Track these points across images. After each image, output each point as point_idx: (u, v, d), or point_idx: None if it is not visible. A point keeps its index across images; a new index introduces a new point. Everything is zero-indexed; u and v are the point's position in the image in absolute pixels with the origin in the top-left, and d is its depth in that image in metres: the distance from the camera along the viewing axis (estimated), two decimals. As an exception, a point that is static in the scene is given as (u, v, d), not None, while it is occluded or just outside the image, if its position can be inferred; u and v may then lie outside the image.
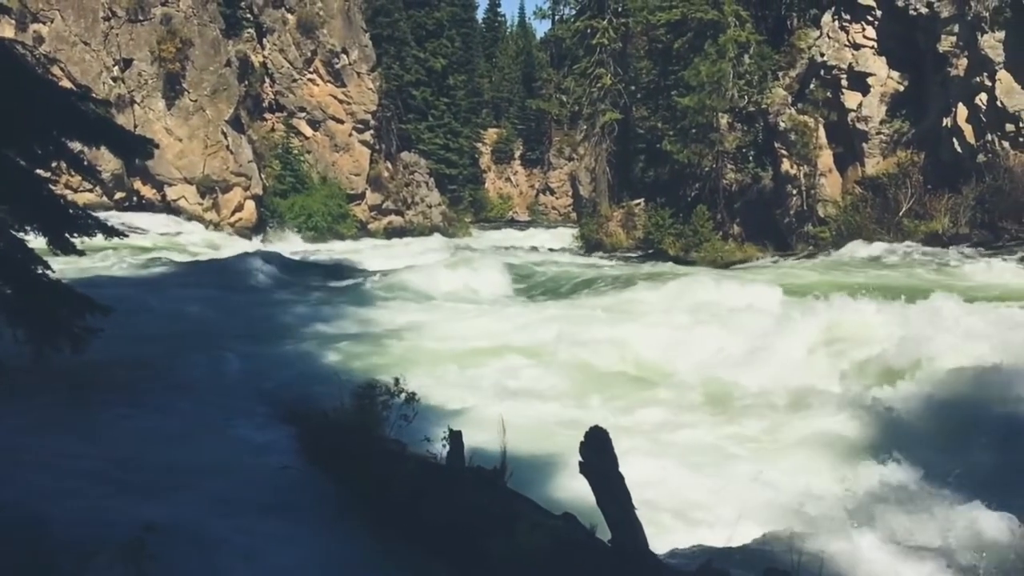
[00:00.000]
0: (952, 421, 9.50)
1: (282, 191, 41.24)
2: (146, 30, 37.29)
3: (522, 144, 72.39)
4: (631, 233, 36.89)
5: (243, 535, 5.86)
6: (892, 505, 7.66)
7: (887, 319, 13.16)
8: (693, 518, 7.38)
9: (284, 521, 6.28)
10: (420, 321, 15.54)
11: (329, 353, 12.89)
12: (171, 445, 7.98)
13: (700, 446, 9.50)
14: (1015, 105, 25.88)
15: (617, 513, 5.11)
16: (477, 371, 12.00)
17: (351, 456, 7.00)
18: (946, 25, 27.60)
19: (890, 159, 29.31)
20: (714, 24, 32.57)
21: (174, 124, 37.50)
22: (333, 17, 43.22)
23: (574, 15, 44.14)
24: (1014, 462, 8.38)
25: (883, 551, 6.53)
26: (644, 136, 40.58)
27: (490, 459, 6.35)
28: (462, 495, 6.03)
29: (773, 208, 32.36)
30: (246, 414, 9.31)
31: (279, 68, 43.20)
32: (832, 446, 9.32)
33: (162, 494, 6.50)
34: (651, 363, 12.25)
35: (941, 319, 12.54)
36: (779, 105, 32.13)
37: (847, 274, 21.36)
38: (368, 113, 44.19)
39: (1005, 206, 25.32)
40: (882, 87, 30.19)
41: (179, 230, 35.46)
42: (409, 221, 47.46)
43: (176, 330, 13.61)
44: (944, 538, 6.90)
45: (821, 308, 14.25)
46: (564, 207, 66.83)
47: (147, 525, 4.56)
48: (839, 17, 31.18)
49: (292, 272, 22.19)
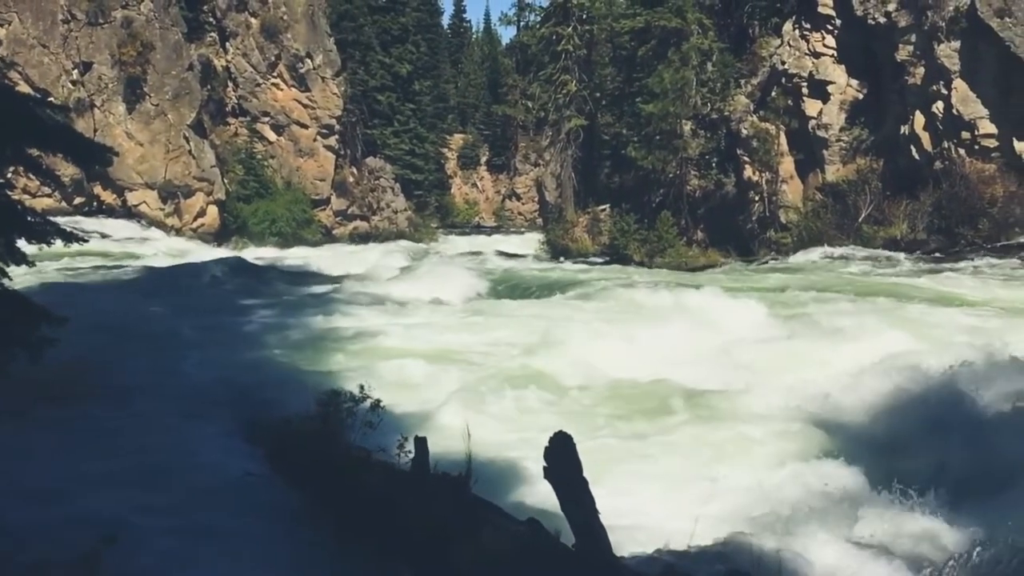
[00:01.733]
0: (906, 421, 9.68)
1: (245, 196, 40.81)
2: (106, 33, 36.78)
3: (488, 150, 72.44)
4: (596, 238, 37.05)
5: (204, 544, 5.80)
6: (849, 505, 7.79)
7: (842, 320, 13.43)
8: (653, 523, 7.44)
9: (246, 529, 6.23)
10: (385, 327, 15.48)
11: (293, 360, 12.81)
12: (128, 453, 7.88)
13: (654, 449, 9.58)
14: (970, 113, 26.46)
15: (581, 518, 5.15)
16: (442, 377, 11.98)
17: (315, 463, 6.96)
18: (903, 34, 28.15)
19: (850, 166, 29.80)
20: (677, 32, 32.90)
21: (135, 128, 37.01)
22: (297, 21, 42.95)
23: (539, 21, 44.30)
24: (967, 461, 8.55)
25: (840, 550, 6.64)
26: (609, 142, 40.82)
27: (455, 465, 6.35)
28: (427, 502, 6.02)
29: (736, 214, 32.72)
30: (207, 421, 9.21)
31: (242, 72, 42.82)
32: (788, 447, 9.44)
33: (120, 503, 6.41)
34: (605, 368, 12.29)
35: (895, 321, 12.84)
36: (741, 112, 32.53)
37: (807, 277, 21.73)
38: (333, 118, 43.95)
39: (961, 212, 25.86)
40: (842, 95, 30.69)
41: (140, 236, 34.99)
42: (375, 226, 47.24)
43: (135, 338, 13.42)
44: (900, 537, 7.03)
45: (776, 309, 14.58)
46: (530, 213, 66.94)
47: (106, 536, 4.49)
48: (800, 26, 31.66)
49: (255, 278, 21.98)
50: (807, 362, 12.03)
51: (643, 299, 17.53)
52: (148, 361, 11.85)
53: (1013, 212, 25.23)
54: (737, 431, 9.95)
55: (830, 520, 7.46)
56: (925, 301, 16.42)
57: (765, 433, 9.85)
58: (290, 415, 7.77)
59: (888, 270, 22.95)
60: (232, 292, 19.73)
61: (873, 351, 11.67)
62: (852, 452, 9.10)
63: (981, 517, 6.97)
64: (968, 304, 16.16)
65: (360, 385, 7.50)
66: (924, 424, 9.61)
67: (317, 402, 7.49)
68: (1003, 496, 7.46)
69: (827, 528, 7.20)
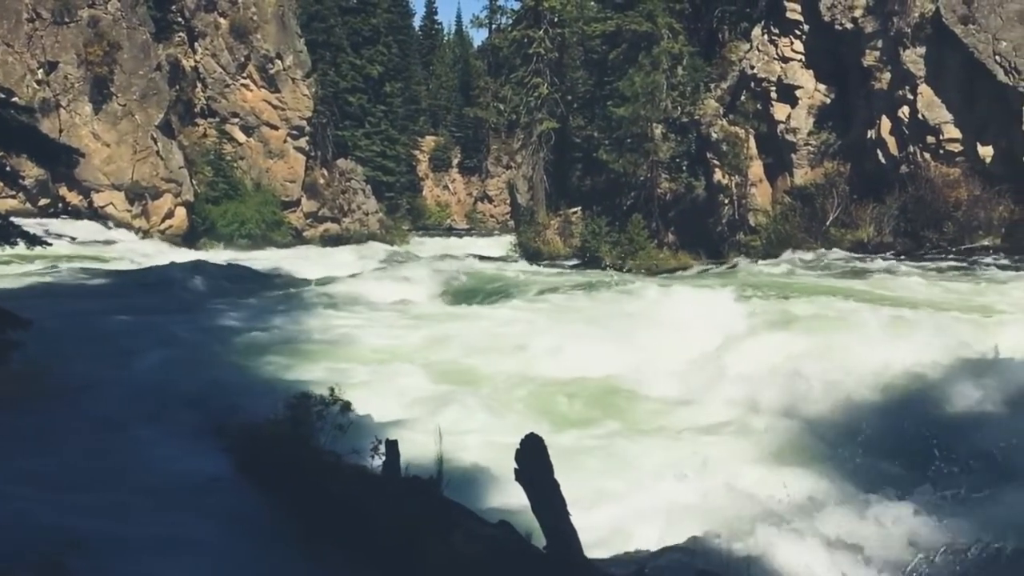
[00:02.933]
0: (876, 421, 9.79)
1: (214, 198, 40.45)
2: (72, 32, 36.28)
3: (460, 152, 72.38)
4: (568, 241, 37.14)
5: (170, 550, 5.72)
6: (819, 504, 7.85)
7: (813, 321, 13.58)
8: (623, 524, 7.46)
9: (213, 534, 6.15)
10: (355, 330, 15.40)
11: (261, 363, 12.69)
12: (94, 457, 7.75)
13: (625, 449, 9.61)
14: (935, 118, 26.87)
15: (552, 520, 5.14)
16: (413, 380, 11.93)
17: (284, 467, 6.89)
18: (870, 40, 28.53)
19: (817, 169, 30.13)
20: (648, 36, 33.08)
21: (101, 129, 36.53)
22: (267, 22, 42.66)
23: (511, 24, 44.36)
24: (940, 460, 8.65)
25: (810, 550, 6.68)
26: (581, 145, 40.93)
27: (426, 468, 6.32)
28: (398, 505, 5.99)
29: (706, 217, 32.96)
30: (173, 426, 9.09)
31: (211, 73, 42.43)
32: (757, 446, 9.51)
33: (86, 508, 6.30)
34: (577, 370, 12.32)
35: (863, 323, 13.00)
36: (711, 116, 32.78)
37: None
38: (303, 119, 43.69)
39: (926, 216, 26.25)
40: (810, 99, 31.04)
41: (107, 238, 34.53)
42: (346, 229, 47.02)
43: (98, 342, 13.20)
44: (871, 536, 7.09)
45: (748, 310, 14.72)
46: (502, 215, 66.97)
47: (71, 541, 4.41)
48: (768, 31, 31.98)
49: (223, 281, 21.74)
50: (771, 360, 12.12)
51: (615, 301, 17.58)
52: (112, 365, 11.67)
53: (977, 216, 25.65)
54: (702, 430, 10.01)
55: (800, 519, 7.51)
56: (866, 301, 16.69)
57: (731, 432, 9.92)
58: (259, 419, 7.70)
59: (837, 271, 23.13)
60: (200, 295, 19.52)
61: (839, 349, 11.84)
62: (822, 451, 9.19)
63: (954, 516, 7.05)
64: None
65: (330, 388, 7.44)
66: (895, 422, 9.72)
67: (286, 405, 7.42)
68: (976, 496, 7.55)
69: (797, 527, 7.25)
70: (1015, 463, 8.32)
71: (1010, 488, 7.77)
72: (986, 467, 8.24)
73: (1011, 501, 7.50)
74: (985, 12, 25.73)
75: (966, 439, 9.01)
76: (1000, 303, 16.10)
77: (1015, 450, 8.60)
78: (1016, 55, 25.16)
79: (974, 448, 8.70)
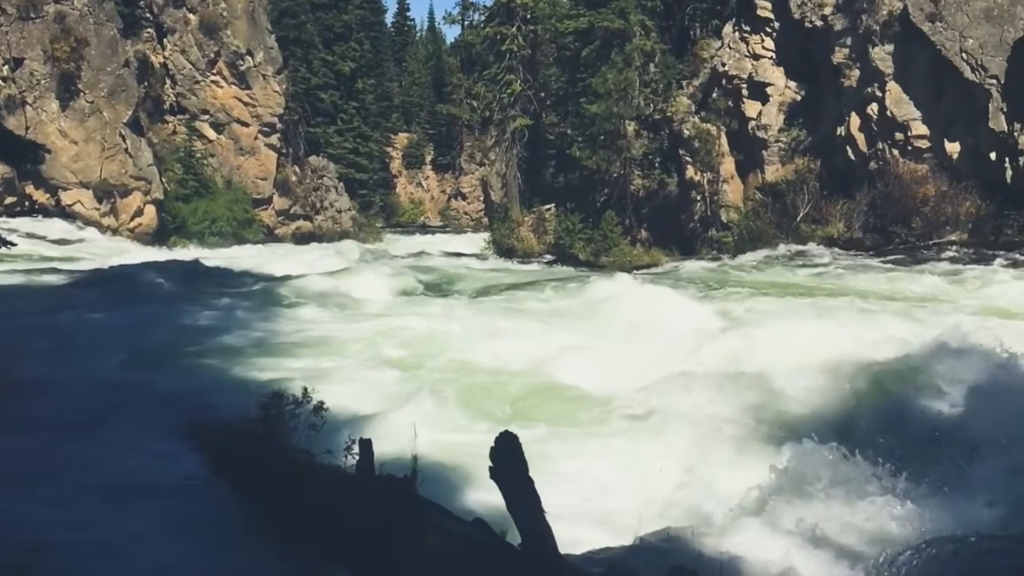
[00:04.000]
0: (848, 412, 9.89)
1: (184, 196, 40.01)
2: (39, 28, 35.70)
3: (433, 149, 72.20)
4: (542, 238, 37.16)
5: (141, 551, 5.65)
6: (791, 497, 7.90)
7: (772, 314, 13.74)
8: (597, 519, 7.48)
9: (185, 535, 6.09)
10: (328, 328, 15.31)
11: (233, 362, 12.57)
12: (64, 458, 7.63)
13: (595, 446, 9.63)
14: (903, 115, 27.21)
15: (527, 518, 5.14)
16: (386, 378, 11.89)
17: (257, 467, 6.84)
18: (839, 38, 28.81)
19: (788, 166, 30.39)
20: (620, 33, 33.16)
21: (69, 126, 36.00)
22: (237, 18, 42.24)
23: (483, 21, 44.27)
24: (913, 452, 8.76)
25: (784, 543, 6.73)
26: (554, 142, 40.98)
27: (401, 467, 6.29)
28: (372, 504, 5.96)
29: (679, 213, 33.13)
30: (143, 425, 8.95)
31: (180, 69, 41.96)
32: (727, 440, 9.56)
33: (54, 508, 6.20)
34: (550, 369, 12.34)
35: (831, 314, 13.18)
36: (683, 113, 32.95)
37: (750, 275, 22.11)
38: (274, 116, 43.35)
39: (895, 211, 26.58)
40: (780, 96, 31.29)
41: (75, 236, 34.04)
42: (318, 226, 46.73)
43: (68, 343, 13.01)
44: (844, 529, 7.15)
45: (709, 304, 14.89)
46: (476, 212, 66.90)
47: (35, 545, 4.33)
48: (739, 28, 32.19)
49: (193, 280, 21.51)
50: (739, 354, 12.22)
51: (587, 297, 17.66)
52: (77, 365, 11.49)
53: (944, 211, 26.01)
54: (673, 424, 10.05)
55: (773, 513, 7.56)
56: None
57: (702, 425, 9.97)
58: (231, 418, 7.63)
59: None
60: (168, 293, 19.30)
61: (806, 342, 11.97)
62: (793, 445, 9.25)
63: (928, 508, 7.12)
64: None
65: (303, 387, 7.39)
66: (869, 414, 9.82)
67: (259, 404, 7.36)
68: (948, 488, 7.64)
69: (770, 521, 7.30)
70: (987, 456, 8.44)
71: (982, 480, 7.88)
72: (959, 460, 8.35)
73: (983, 493, 7.60)
74: (952, 10, 26.08)
75: (938, 431, 9.12)
76: (961, 295, 16.49)
77: (986, 443, 8.72)
78: (982, 52, 25.53)
79: (946, 440, 8.81)
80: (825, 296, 17.58)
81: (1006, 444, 8.31)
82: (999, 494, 7.44)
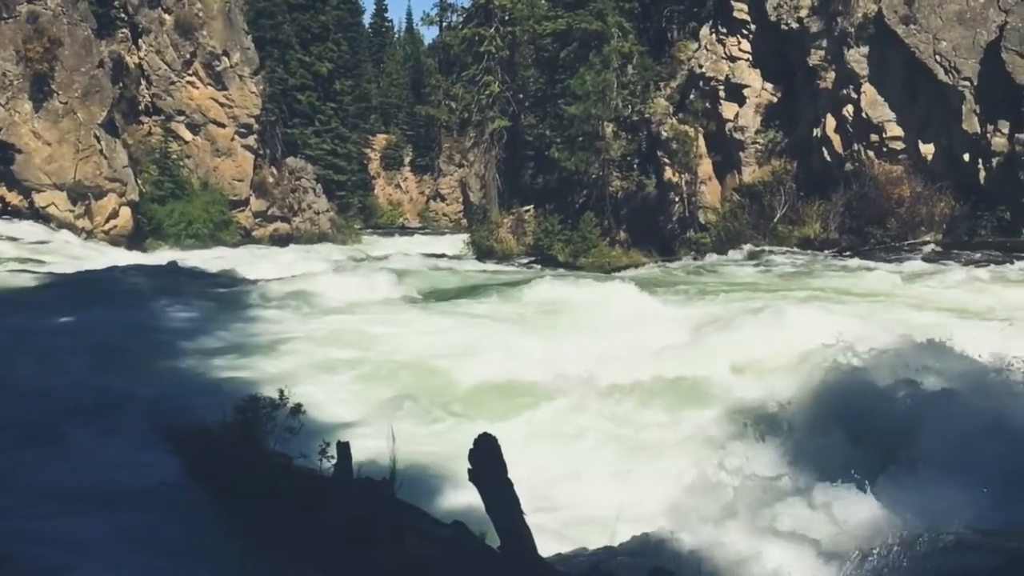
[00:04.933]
0: (817, 410, 9.95)
1: (160, 197, 39.65)
2: (11, 29, 35.22)
3: (412, 150, 72.08)
4: (521, 239, 37.19)
5: (115, 557, 5.58)
6: (771, 496, 7.94)
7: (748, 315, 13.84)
8: (573, 520, 7.48)
9: (162, 540, 6.02)
10: (305, 330, 15.18)
11: (209, 365, 12.44)
12: (32, 464, 7.50)
13: (568, 446, 9.64)
14: (879, 116, 27.47)
15: (506, 520, 5.12)
16: (365, 380, 11.82)
17: (234, 471, 6.77)
18: (815, 40, 29.05)
19: (765, 167, 30.61)
20: (598, 35, 33.27)
21: (42, 127, 35.54)
22: (213, 18, 41.93)
23: (461, 22, 44.25)
24: (891, 451, 8.82)
25: (762, 542, 6.76)
26: (533, 143, 41.04)
27: (379, 470, 6.26)
28: (350, 507, 5.92)
29: (657, 215, 33.27)
30: (117, 430, 8.82)
31: (156, 70, 41.58)
32: (701, 440, 9.60)
33: (20, 516, 6.09)
34: (526, 369, 12.33)
35: (801, 315, 13.29)
36: (661, 115, 33.09)
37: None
38: (251, 117, 43.05)
39: (870, 212, 26.83)
40: (757, 98, 31.50)
41: (49, 239, 33.61)
42: (296, 228, 46.48)
43: (39, 346, 12.78)
44: (822, 528, 7.19)
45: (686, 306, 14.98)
46: (455, 214, 66.85)
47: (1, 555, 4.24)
48: (716, 30, 32.38)
49: (168, 282, 21.25)
50: (714, 353, 12.28)
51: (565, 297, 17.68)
52: (46, 368, 11.29)
53: (919, 212, 26.28)
54: (651, 424, 10.07)
55: (752, 512, 7.59)
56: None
57: (680, 425, 10.00)
58: (207, 422, 7.54)
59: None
60: (143, 296, 19.04)
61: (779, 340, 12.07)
62: (772, 443, 9.30)
63: (906, 506, 7.17)
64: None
65: (280, 390, 7.32)
66: (845, 413, 9.87)
67: (236, 408, 7.29)
68: (925, 485, 7.70)
69: (748, 520, 7.32)
70: (960, 453, 8.51)
71: (953, 478, 7.94)
72: (933, 457, 8.42)
73: (955, 491, 7.67)
74: (926, 13, 26.36)
75: (913, 427, 9.19)
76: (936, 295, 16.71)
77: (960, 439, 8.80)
78: (955, 55, 25.82)
79: (921, 437, 8.88)
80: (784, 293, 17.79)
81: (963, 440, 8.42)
82: (969, 489, 7.51)
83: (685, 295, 18.29)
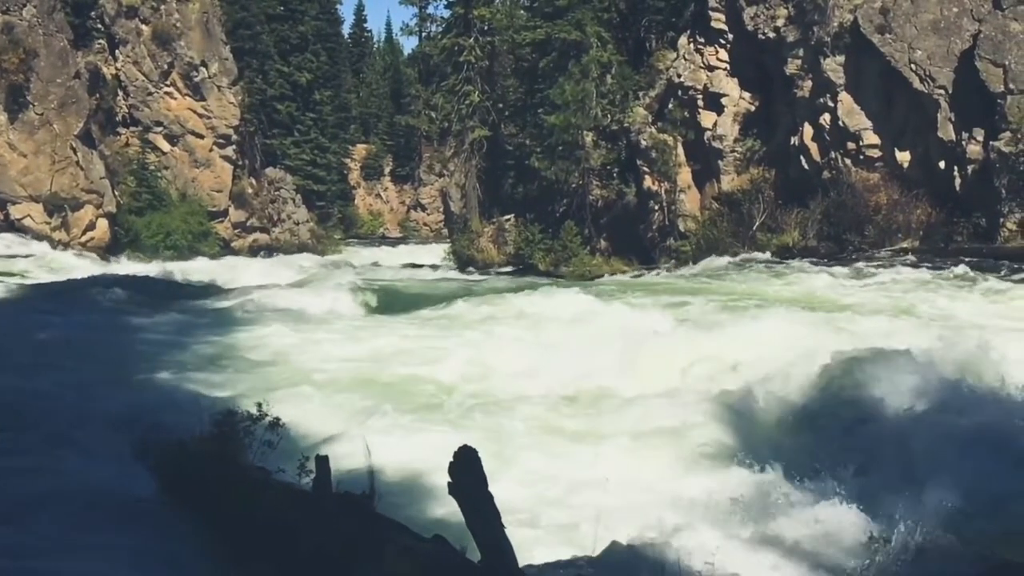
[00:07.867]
0: (801, 418, 9.99)
1: (138, 209, 39.36)
2: (-15, 39, 34.92)
3: (392, 160, 71.95)
4: (502, 249, 37.20)
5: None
6: (753, 504, 7.95)
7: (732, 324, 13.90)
8: (553, 529, 7.44)
9: (138, 557, 5.92)
10: (282, 343, 15.07)
11: (186, 379, 12.31)
12: (4, 478, 7.37)
13: (551, 454, 9.61)
14: (855, 125, 27.70)
15: (486, 533, 5.09)
16: (343, 394, 11.74)
17: (211, 486, 6.68)
18: (792, 49, 29.26)
19: (744, 176, 30.76)
20: (577, 44, 33.38)
21: (18, 139, 35.22)
22: (191, 29, 41.75)
23: (441, 32, 44.28)
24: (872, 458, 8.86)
25: (745, 550, 6.75)
26: (513, 153, 41.05)
27: (359, 484, 6.20)
28: (329, 522, 5.86)
29: (637, 223, 33.35)
30: (92, 445, 8.70)
31: (133, 81, 41.33)
32: (684, 448, 9.60)
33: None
34: (506, 377, 12.33)
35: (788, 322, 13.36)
36: (640, 124, 33.20)
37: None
38: (230, 128, 42.86)
39: (848, 219, 27.02)
40: (735, 107, 31.68)
41: (25, 252, 33.25)
42: (276, 239, 46.26)
43: (12, 359, 12.62)
44: (804, 535, 7.20)
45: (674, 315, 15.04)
46: (436, 223, 66.75)
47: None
48: (694, 40, 32.55)
49: (146, 294, 21.06)
50: (696, 358, 12.32)
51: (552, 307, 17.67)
52: (26, 385, 11.13)
53: (896, 219, 26.48)
54: (631, 431, 10.07)
55: (733, 520, 7.59)
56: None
57: (660, 433, 10.00)
58: (184, 436, 7.44)
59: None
60: (119, 309, 18.86)
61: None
62: (754, 451, 9.31)
63: (887, 513, 7.19)
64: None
65: (258, 403, 7.25)
66: (819, 419, 9.92)
67: (213, 422, 7.20)
68: (908, 492, 7.73)
69: (730, 528, 7.32)
70: (937, 458, 8.56)
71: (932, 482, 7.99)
72: (911, 463, 8.46)
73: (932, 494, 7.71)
74: (901, 22, 26.62)
75: (889, 434, 9.24)
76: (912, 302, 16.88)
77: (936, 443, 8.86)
78: (930, 63, 26.09)
79: (897, 443, 8.93)
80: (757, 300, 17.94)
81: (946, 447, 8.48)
82: (950, 498, 7.55)
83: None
